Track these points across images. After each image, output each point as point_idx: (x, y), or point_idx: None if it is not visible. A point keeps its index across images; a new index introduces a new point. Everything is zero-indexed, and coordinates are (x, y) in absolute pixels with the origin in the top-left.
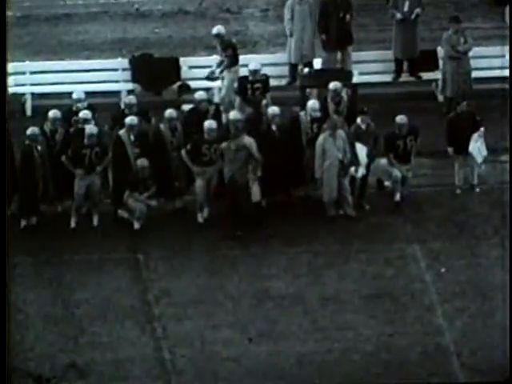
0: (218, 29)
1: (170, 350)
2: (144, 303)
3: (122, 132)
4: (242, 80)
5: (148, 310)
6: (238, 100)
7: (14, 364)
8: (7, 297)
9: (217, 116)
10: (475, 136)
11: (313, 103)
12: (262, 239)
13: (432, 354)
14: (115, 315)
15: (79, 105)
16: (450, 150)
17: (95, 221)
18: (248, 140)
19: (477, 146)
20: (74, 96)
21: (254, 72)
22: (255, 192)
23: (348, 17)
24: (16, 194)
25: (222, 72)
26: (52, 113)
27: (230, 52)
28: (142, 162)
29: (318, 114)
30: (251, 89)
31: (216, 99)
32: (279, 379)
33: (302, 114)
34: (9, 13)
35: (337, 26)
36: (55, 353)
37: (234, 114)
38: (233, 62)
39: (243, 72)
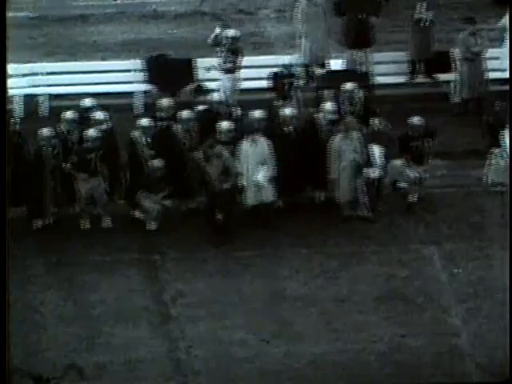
0: (234, 32)
1: (185, 351)
2: (159, 304)
3: (135, 134)
4: (274, 75)
5: (163, 311)
6: (274, 95)
7: (31, 365)
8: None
9: (232, 117)
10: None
11: (328, 105)
12: (276, 240)
13: (446, 355)
14: (130, 316)
15: (89, 114)
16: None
17: (106, 223)
18: (225, 152)
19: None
20: (84, 104)
21: (286, 66)
22: (267, 193)
23: (373, 18)
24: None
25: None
26: (67, 114)
27: (240, 59)
28: (157, 162)
29: (334, 117)
30: (283, 84)
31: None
32: (293, 380)
33: (318, 115)
34: (23, 13)
35: (355, 25)
36: (69, 353)
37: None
38: (237, 68)
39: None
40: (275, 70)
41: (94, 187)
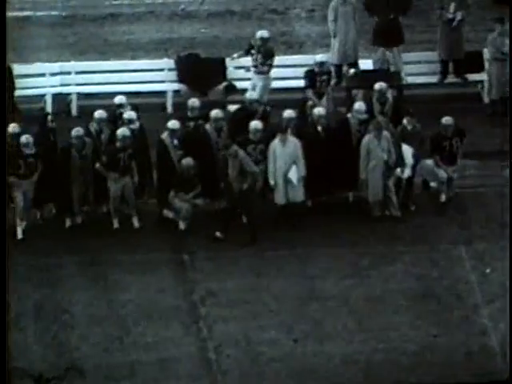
0: (262, 33)
1: (215, 351)
2: (189, 303)
3: (164, 136)
4: (310, 72)
5: (193, 311)
6: (310, 93)
7: (62, 364)
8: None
9: (264, 116)
10: None
11: (359, 105)
12: (308, 240)
13: (477, 355)
14: (160, 315)
15: (122, 110)
16: None
17: (136, 222)
18: (241, 152)
19: None
20: (116, 101)
21: (321, 64)
22: (297, 193)
23: (400, 18)
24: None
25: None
26: (98, 113)
27: (271, 62)
28: (188, 161)
29: (365, 117)
30: (319, 81)
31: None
32: (324, 380)
33: (349, 115)
34: (55, 12)
35: (385, 24)
36: (100, 353)
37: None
38: (270, 69)
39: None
40: (310, 67)
41: (124, 186)
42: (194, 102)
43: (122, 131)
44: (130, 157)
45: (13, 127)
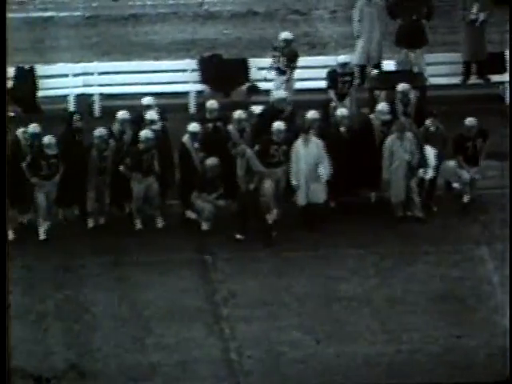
0: (285, 35)
1: (237, 351)
2: (211, 304)
3: (185, 139)
4: (332, 73)
5: (215, 311)
6: (331, 94)
7: (85, 363)
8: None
9: (291, 116)
10: None
11: (382, 106)
12: (330, 241)
13: (499, 356)
14: (182, 316)
15: (149, 111)
16: None
17: (159, 222)
18: (249, 152)
19: None
20: (144, 102)
21: (344, 65)
22: (319, 194)
23: (424, 20)
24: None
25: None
26: (121, 114)
27: (294, 63)
28: (212, 160)
29: (388, 117)
30: (341, 82)
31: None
32: (346, 380)
33: (372, 116)
34: (78, 13)
35: (408, 26)
36: (122, 353)
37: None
38: (294, 70)
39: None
40: (333, 68)
41: (147, 187)
42: (212, 103)
43: (145, 133)
44: (154, 158)
45: (33, 127)
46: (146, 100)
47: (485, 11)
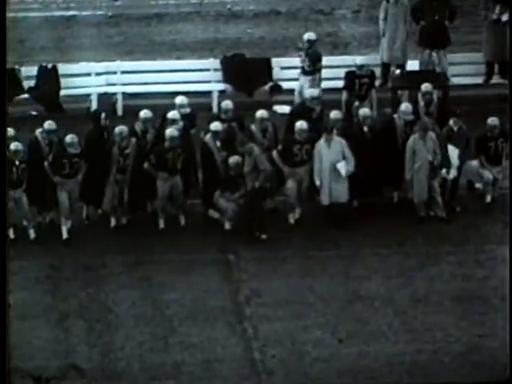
0: (309, 35)
1: (260, 351)
2: (234, 304)
3: (207, 138)
4: (350, 75)
5: (238, 311)
6: (344, 94)
7: (107, 364)
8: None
9: (321, 116)
10: None
11: (405, 106)
12: (353, 240)
13: None
14: (205, 315)
15: (182, 110)
16: None
17: (182, 221)
18: (255, 147)
19: None
20: (177, 101)
21: (361, 67)
22: (342, 193)
23: (447, 22)
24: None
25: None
26: (143, 113)
27: (319, 65)
28: (235, 158)
29: (411, 118)
30: (358, 84)
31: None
32: (369, 380)
33: (395, 116)
34: (101, 12)
35: (431, 26)
36: (145, 353)
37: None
38: (318, 71)
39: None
40: (352, 69)
41: (172, 186)
42: (227, 104)
43: (170, 131)
44: (179, 157)
45: (48, 124)
46: (180, 99)
47: (507, 11)
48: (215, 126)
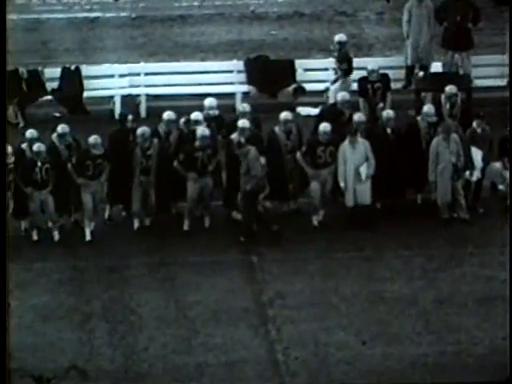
0: (339, 37)
1: (283, 352)
2: (258, 305)
3: (233, 136)
4: (362, 81)
5: (262, 312)
6: (361, 101)
7: (130, 365)
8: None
9: (350, 119)
10: None
11: (428, 108)
12: (376, 242)
13: None
14: (229, 317)
15: (210, 112)
16: None
17: (207, 223)
18: (252, 151)
19: None
20: (206, 103)
21: (372, 72)
22: (366, 195)
23: (470, 24)
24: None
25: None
26: (166, 114)
27: (345, 66)
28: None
29: (434, 119)
30: (372, 89)
31: (331, 101)
32: (392, 381)
33: (419, 118)
34: (124, 14)
35: (454, 28)
36: (168, 354)
37: (242, 122)
38: (346, 74)
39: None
40: (364, 75)
41: (202, 187)
42: (244, 106)
43: (201, 130)
44: (209, 157)
45: (61, 128)
46: (209, 101)
47: None
48: (243, 122)
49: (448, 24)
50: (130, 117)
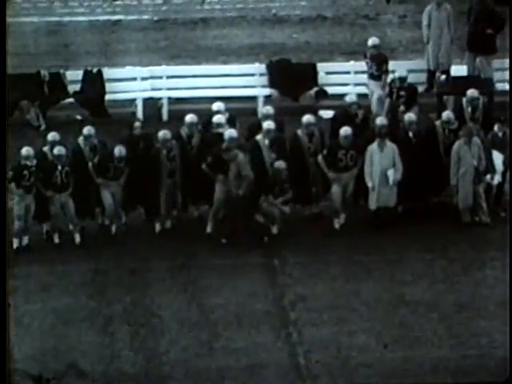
0: (373, 40)
1: (304, 356)
2: (279, 308)
3: (258, 137)
4: (391, 84)
5: (283, 315)
6: (387, 102)
7: (151, 369)
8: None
9: (365, 120)
10: None
11: (447, 115)
12: (398, 245)
13: None
14: (250, 320)
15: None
16: None
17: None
18: (240, 154)
19: None
20: (214, 108)
21: (399, 79)
22: (391, 197)
23: (489, 30)
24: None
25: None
26: (189, 117)
27: (386, 67)
28: (280, 164)
29: (454, 127)
30: (396, 94)
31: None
32: None
33: (437, 123)
34: (146, 16)
35: (476, 32)
36: (189, 357)
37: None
38: (386, 75)
39: None
40: (393, 79)
41: (230, 189)
42: (268, 109)
43: (230, 132)
44: (236, 159)
45: (87, 130)
46: (216, 105)
47: None
48: (268, 124)
49: (471, 28)
50: (137, 123)
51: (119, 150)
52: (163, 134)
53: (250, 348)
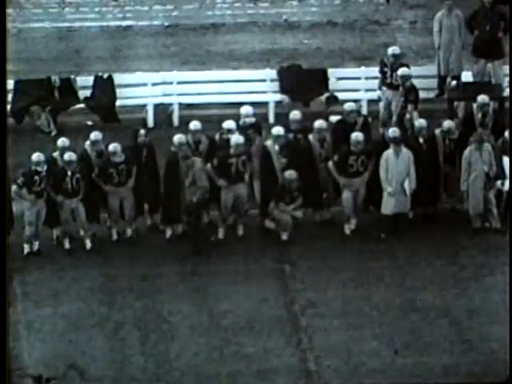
0: (393, 49)
1: (315, 361)
2: (290, 314)
3: (268, 142)
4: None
5: (294, 321)
6: (398, 102)
7: (162, 374)
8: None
9: (365, 128)
10: None
11: (447, 124)
12: (409, 251)
13: None
14: (261, 326)
15: (247, 119)
16: None
17: (240, 231)
18: (198, 162)
19: None
20: (242, 111)
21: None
22: (405, 203)
23: (500, 34)
24: (160, 203)
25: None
26: (193, 124)
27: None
28: (291, 174)
29: (453, 136)
30: (404, 97)
31: (364, 111)
32: None
33: (437, 132)
34: (157, 22)
35: (484, 37)
36: (200, 363)
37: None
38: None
39: None
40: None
41: (236, 196)
42: (295, 114)
43: (235, 138)
44: (244, 164)
45: (94, 135)
46: (245, 109)
47: None
48: (277, 130)
49: (478, 33)
50: (141, 131)
51: (114, 147)
52: (178, 138)
53: (260, 353)
